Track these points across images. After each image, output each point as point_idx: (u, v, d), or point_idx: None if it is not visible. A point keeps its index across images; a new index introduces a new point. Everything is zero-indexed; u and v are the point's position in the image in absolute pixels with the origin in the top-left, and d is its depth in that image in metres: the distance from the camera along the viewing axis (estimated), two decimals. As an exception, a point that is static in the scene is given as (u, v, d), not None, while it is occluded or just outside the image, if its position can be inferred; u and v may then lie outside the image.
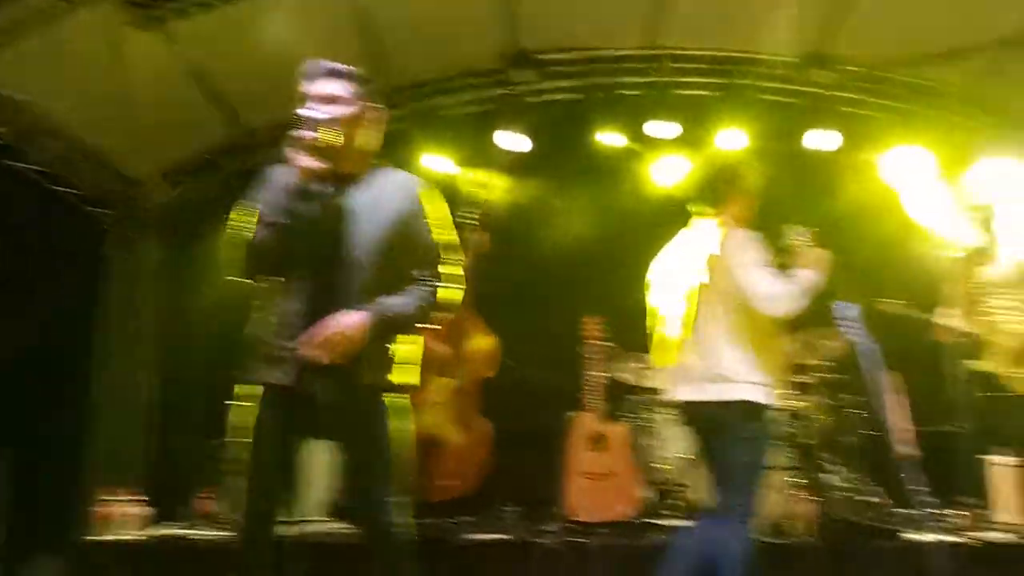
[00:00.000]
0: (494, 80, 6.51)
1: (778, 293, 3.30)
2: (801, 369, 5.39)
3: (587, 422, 5.32)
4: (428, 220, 2.84)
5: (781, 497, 4.73)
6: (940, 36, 5.72)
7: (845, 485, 5.04)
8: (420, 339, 2.91)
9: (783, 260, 3.50)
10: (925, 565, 4.11)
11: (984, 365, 4.88)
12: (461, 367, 5.37)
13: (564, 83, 6.49)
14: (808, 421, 5.19)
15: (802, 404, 5.24)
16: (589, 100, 6.51)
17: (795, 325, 5.19)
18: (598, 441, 5.24)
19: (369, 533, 2.78)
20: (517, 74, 6.39)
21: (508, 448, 5.49)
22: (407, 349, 2.83)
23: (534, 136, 6.49)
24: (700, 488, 4.60)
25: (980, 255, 5.05)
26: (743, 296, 3.34)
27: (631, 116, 6.44)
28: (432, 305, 2.80)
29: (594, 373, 5.44)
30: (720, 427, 3.36)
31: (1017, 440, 4.94)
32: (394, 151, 6.33)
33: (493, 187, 5.95)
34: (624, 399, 5.68)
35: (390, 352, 2.76)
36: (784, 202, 5.59)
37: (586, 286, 6.17)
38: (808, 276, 3.39)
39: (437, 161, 6.48)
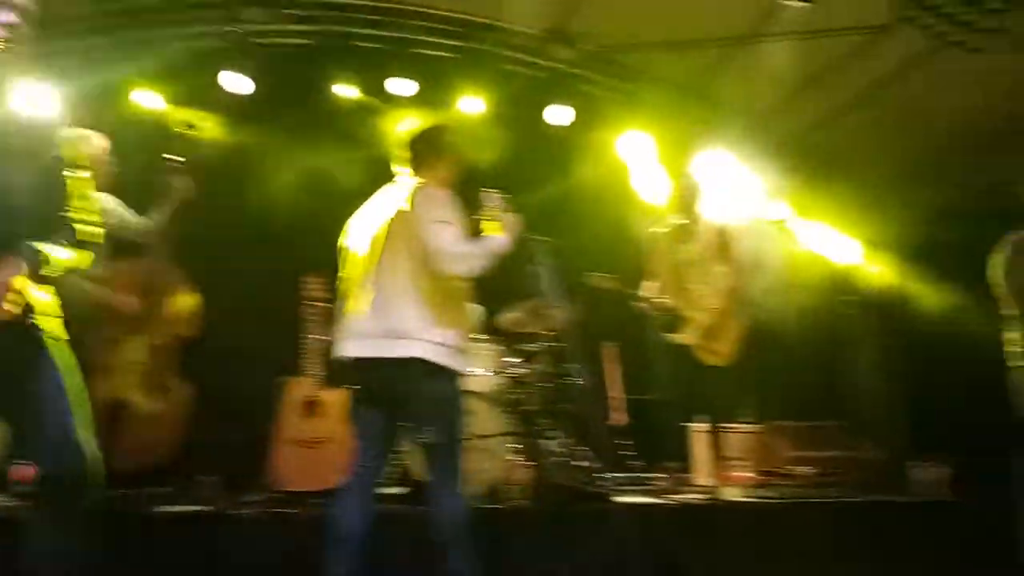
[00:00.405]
0: (220, 15, 5.93)
1: (461, 252, 3.22)
2: (526, 337, 5.37)
3: (301, 387, 4.96)
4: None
5: (500, 462, 4.68)
6: (672, 26, 5.93)
7: (561, 451, 5.08)
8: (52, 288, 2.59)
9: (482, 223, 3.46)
10: (630, 525, 4.30)
11: (682, 338, 5.12)
12: (157, 325, 4.75)
13: (294, 27, 6.07)
14: (529, 388, 5.18)
15: (524, 371, 5.22)
16: (322, 48, 6.13)
17: (524, 294, 5.25)
18: (312, 407, 4.90)
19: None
20: (245, 11, 5.86)
21: (212, 415, 4.96)
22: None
23: (260, 80, 5.98)
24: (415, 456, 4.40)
25: (682, 233, 5.26)
26: (427, 252, 3.22)
27: (367, 70, 6.15)
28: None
29: (313, 336, 5.09)
30: (402, 389, 3.17)
31: (710, 408, 5.23)
32: (99, 79, 5.77)
33: (206, 129, 5.38)
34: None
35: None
36: (519, 172, 5.64)
37: (307, 244, 5.72)
38: (497, 240, 3.35)
39: (148, 96, 5.78)
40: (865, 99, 5.76)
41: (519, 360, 5.24)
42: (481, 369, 5.10)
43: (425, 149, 3.53)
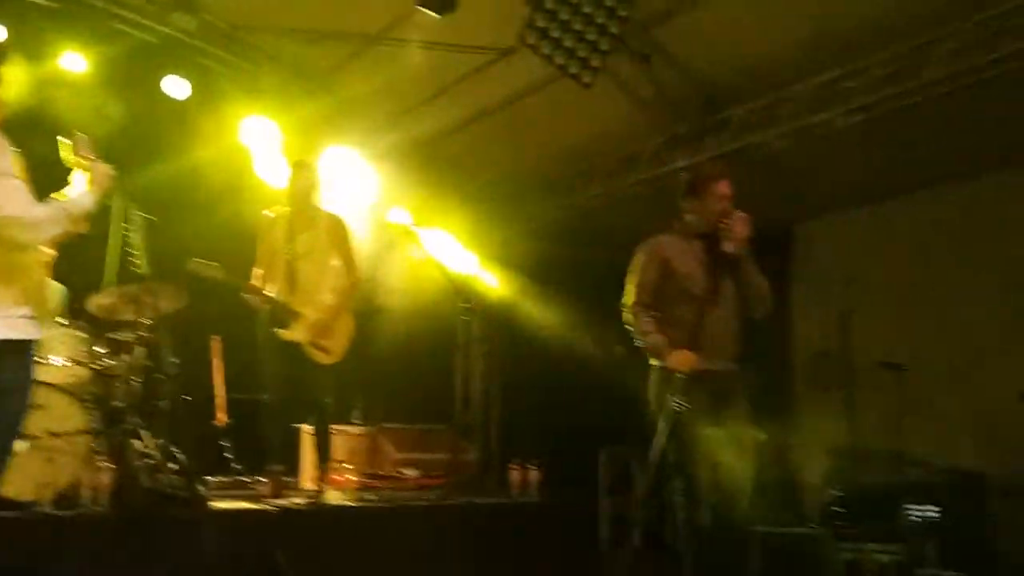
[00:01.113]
0: None
1: (36, 217, 2.69)
2: (118, 325, 4.77)
3: None
4: None
5: (77, 464, 4.04)
6: (305, 14, 5.67)
7: (151, 452, 4.55)
8: None
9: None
10: (224, 532, 3.96)
11: (291, 334, 4.85)
12: None
13: None
14: (118, 382, 4.58)
15: (112, 363, 4.61)
16: None
17: (126, 278, 4.65)
18: None
19: None
20: None
21: None
22: None
23: None
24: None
25: (296, 224, 5.01)
26: None
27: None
28: None
29: None
30: None
31: (318, 409, 5.05)
32: None
33: None
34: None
35: None
36: (129, 142, 5.03)
37: None
38: (83, 197, 2.87)
39: None
40: (488, 115, 6.01)
41: (107, 351, 4.63)
42: (60, 358, 4.40)
43: None
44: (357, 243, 5.21)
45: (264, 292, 4.81)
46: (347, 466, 5.03)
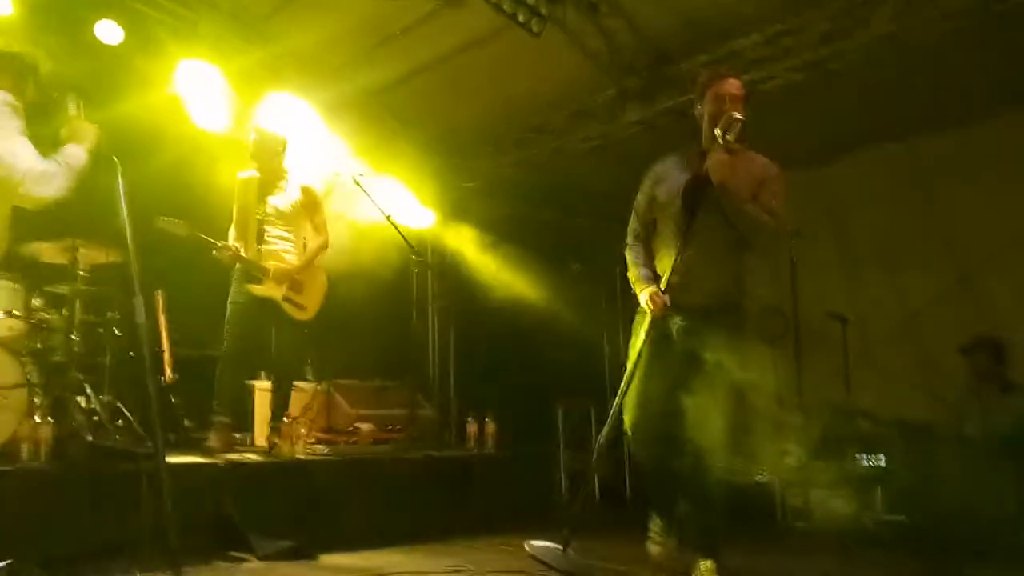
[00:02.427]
0: None
1: (44, 170, 2.86)
2: (55, 278, 4.58)
3: None
4: None
5: (17, 417, 3.86)
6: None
7: (95, 408, 4.40)
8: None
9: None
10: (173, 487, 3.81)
11: (264, 290, 4.83)
12: None
13: None
14: (59, 335, 4.40)
15: (52, 316, 4.43)
16: None
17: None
18: None
19: None
20: None
21: None
22: None
23: None
24: None
25: (265, 187, 5.00)
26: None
27: None
28: None
29: None
30: None
31: (276, 365, 5.06)
32: None
33: None
34: None
35: None
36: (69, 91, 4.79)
37: None
38: (75, 153, 3.01)
39: None
40: (435, 67, 5.88)
41: (44, 303, 4.44)
42: (-6, 311, 4.19)
43: None
44: (325, 203, 5.30)
45: (235, 248, 4.78)
46: (303, 421, 4.93)
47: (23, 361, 4.02)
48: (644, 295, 3.53)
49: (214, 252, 4.71)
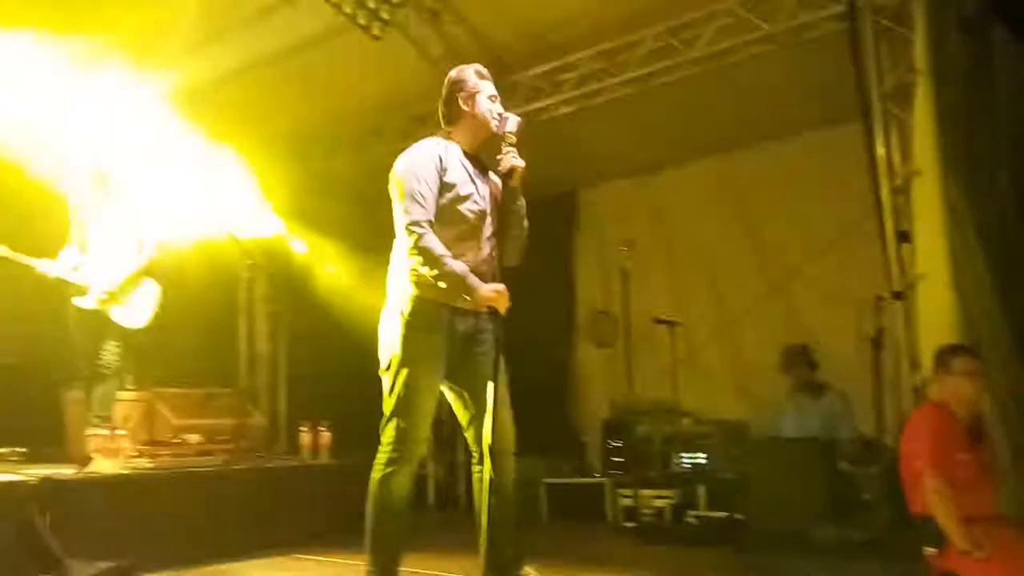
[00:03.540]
0: None
1: None
2: None
3: None
4: None
5: None
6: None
7: None
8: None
9: None
10: None
11: (87, 302, 4.76)
12: None
13: None
14: None
15: None
16: None
17: None
18: None
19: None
20: None
21: None
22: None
23: None
24: None
25: (96, 194, 4.89)
26: None
27: None
28: None
29: None
30: None
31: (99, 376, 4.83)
32: None
33: None
34: None
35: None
36: None
37: None
38: None
39: None
40: (273, 62, 5.71)
41: None
42: None
43: None
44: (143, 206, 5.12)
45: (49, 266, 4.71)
46: (120, 433, 4.63)
47: None
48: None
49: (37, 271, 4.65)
